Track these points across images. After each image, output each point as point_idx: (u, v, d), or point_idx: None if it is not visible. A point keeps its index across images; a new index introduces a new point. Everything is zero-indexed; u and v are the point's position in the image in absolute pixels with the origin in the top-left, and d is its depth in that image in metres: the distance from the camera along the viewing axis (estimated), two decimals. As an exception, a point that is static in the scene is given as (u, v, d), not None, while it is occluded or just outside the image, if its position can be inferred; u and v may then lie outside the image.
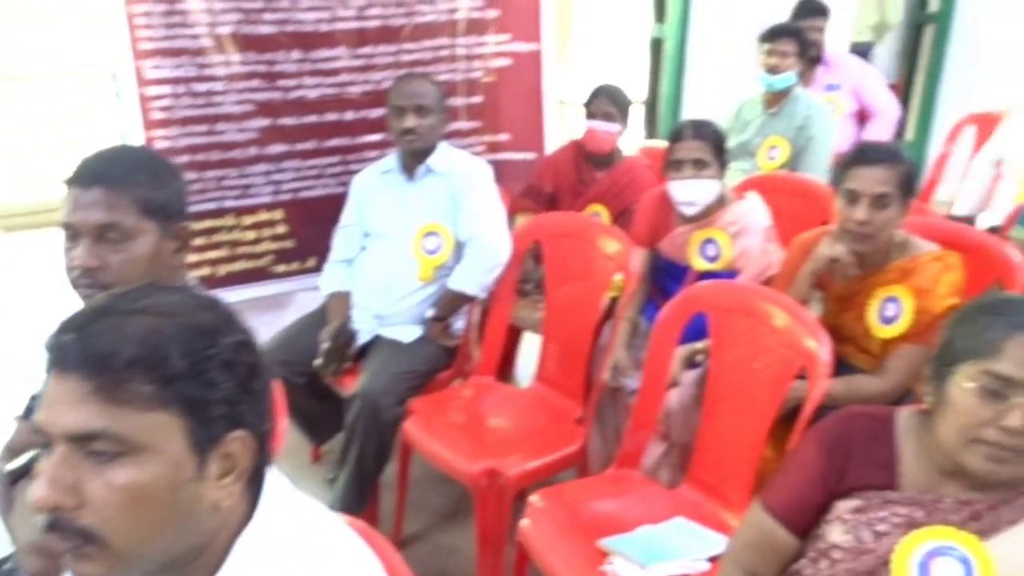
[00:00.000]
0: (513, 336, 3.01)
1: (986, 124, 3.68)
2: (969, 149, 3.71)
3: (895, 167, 1.92)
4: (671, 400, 2.25)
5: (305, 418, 2.62)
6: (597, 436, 2.52)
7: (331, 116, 2.93)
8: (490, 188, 2.55)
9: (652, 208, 2.55)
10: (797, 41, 3.33)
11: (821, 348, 1.76)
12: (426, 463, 2.30)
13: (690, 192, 2.37)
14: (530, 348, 2.80)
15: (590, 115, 2.85)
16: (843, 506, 1.33)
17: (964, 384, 1.21)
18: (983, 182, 3.33)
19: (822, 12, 3.83)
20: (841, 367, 2.11)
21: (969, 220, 3.19)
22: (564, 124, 2.98)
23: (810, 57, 3.73)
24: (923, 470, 1.31)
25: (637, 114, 4.39)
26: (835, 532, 1.32)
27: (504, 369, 3.01)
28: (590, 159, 2.92)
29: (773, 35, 3.32)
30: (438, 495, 2.66)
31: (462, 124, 3.17)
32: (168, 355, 0.81)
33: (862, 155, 1.97)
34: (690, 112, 4.19)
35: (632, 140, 3.53)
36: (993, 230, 3.02)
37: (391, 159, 2.61)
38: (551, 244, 2.53)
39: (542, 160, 3.12)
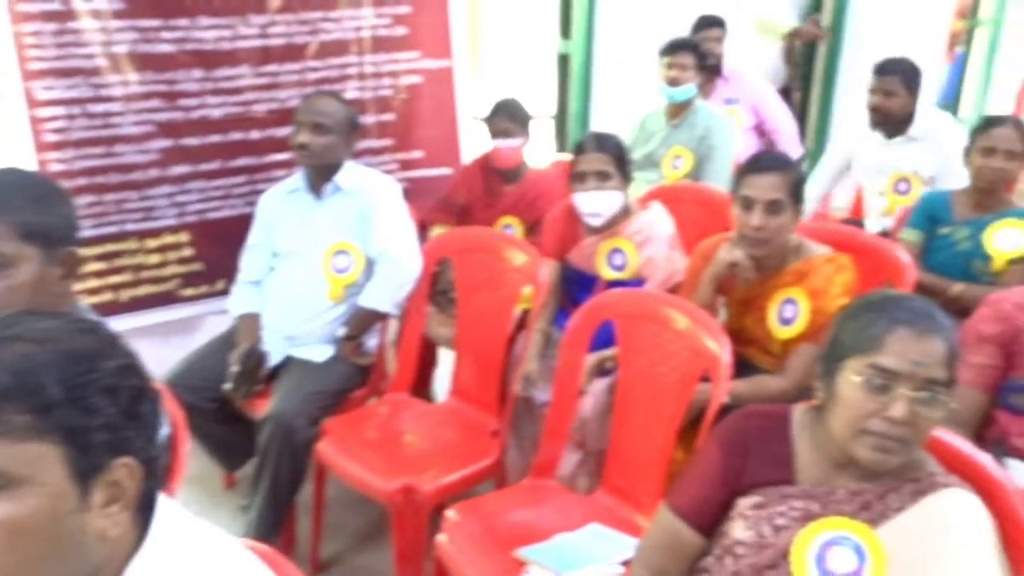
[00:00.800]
0: (431, 352, 3.01)
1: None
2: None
3: (786, 174, 1.99)
4: (584, 408, 2.28)
5: (216, 444, 2.55)
6: (514, 447, 2.53)
7: (236, 135, 2.89)
8: (399, 205, 2.55)
9: (560, 220, 2.58)
10: (695, 54, 3.42)
11: (722, 350, 1.81)
12: (342, 484, 2.26)
13: (594, 203, 2.41)
14: (448, 363, 2.80)
15: (492, 133, 2.87)
16: (744, 503, 1.37)
17: (851, 378, 1.26)
18: (827, 179, 3.49)
19: (719, 24, 3.96)
20: (747, 368, 2.18)
21: (851, 223, 3.33)
22: (481, 139, 2.99)
23: (709, 68, 3.85)
24: (817, 464, 1.35)
25: (545, 127, 4.46)
26: (738, 528, 1.35)
27: (422, 385, 3.00)
28: (498, 173, 2.94)
29: (672, 49, 3.41)
30: (356, 516, 2.62)
31: (373, 142, 3.15)
32: (43, 383, 0.78)
33: (755, 164, 2.04)
34: (598, 125, 4.26)
35: (541, 153, 3.57)
36: (884, 234, 3.15)
37: (297, 178, 2.58)
38: (461, 258, 2.53)
39: (458, 172, 3.13)
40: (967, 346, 1.82)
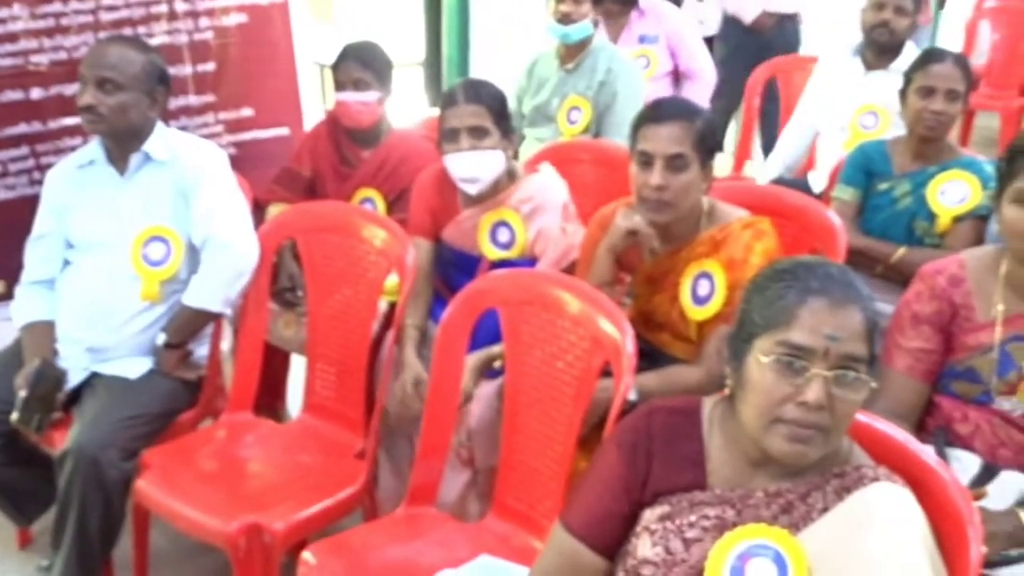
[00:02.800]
0: (281, 359, 2.98)
1: (790, 73, 4.04)
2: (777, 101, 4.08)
3: (689, 123, 2.05)
4: (471, 418, 2.32)
5: (5, 492, 2.47)
6: (388, 470, 2.55)
7: (12, 95, 2.80)
8: (226, 177, 2.51)
9: (430, 190, 2.60)
10: (594, -14, 3.49)
11: (624, 338, 1.87)
12: (171, 530, 2.23)
13: (470, 166, 2.44)
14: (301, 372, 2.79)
15: (339, 84, 2.86)
16: (650, 515, 1.43)
17: (760, 359, 1.33)
18: (798, 141, 3.65)
19: None
20: (660, 358, 2.26)
21: (790, 183, 3.48)
22: (327, 91, 2.97)
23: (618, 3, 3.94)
24: (732, 463, 1.42)
25: (413, 77, 4.47)
26: (644, 546, 1.41)
27: (271, 401, 2.98)
28: (351, 136, 2.93)
29: (563, -22, 3.46)
30: (191, 569, 2.59)
31: (191, 99, 3.10)
32: None
33: (652, 113, 2.10)
34: (479, 72, 4.30)
35: (409, 108, 3.58)
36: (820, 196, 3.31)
37: (93, 148, 2.51)
38: (307, 241, 2.52)
39: (299, 139, 3.10)
40: (902, 328, 1.94)
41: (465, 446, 2.36)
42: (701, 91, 4.16)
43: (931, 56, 2.77)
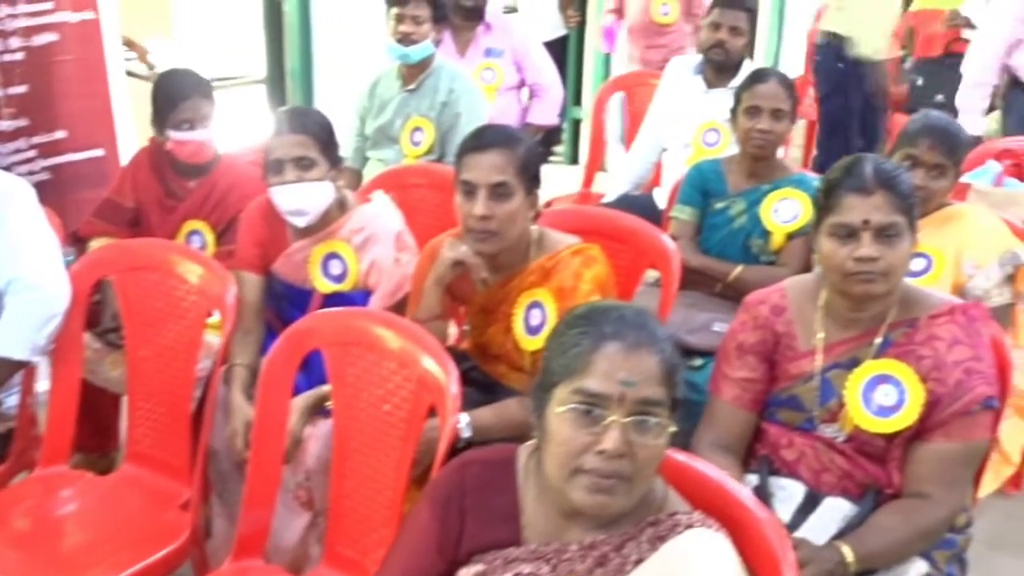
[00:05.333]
0: (111, 403, 2.82)
1: (635, 89, 4.08)
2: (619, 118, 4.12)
3: (511, 151, 2.02)
4: (308, 458, 2.23)
5: None
6: (222, 517, 2.43)
7: None
8: (33, 213, 2.34)
9: (258, 221, 2.49)
10: (430, 3, 3.43)
11: (448, 378, 1.82)
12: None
13: (296, 199, 2.34)
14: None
15: (177, 122, 2.69)
16: (465, 574, 1.37)
17: (557, 409, 1.29)
18: (643, 158, 3.67)
19: None
20: (499, 390, 2.21)
21: (636, 199, 3.50)
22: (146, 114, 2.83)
23: (468, 11, 3.92)
24: (546, 516, 1.38)
25: (256, 94, 4.33)
26: (460, 606, 1.35)
27: (103, 445, 2.83)
28: (176, 166, 2.78)
29: (400, -3, 3.40)
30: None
31: (3, 124, 2.95)
32: None
33: (473, 141, 2.06)
34: (323, 89, 4.20)
35: (251, 127, 3.45)
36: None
37: None
38: (123, 280, 2.38)
39: (115, 161, 2.95)
40: (728, 359, 1.94)
41: (303, 487, 2.27)
42: (549, 106, 4.17)
43: (756, 77, 2.81)
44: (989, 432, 1.78)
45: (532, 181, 2.08)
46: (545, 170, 2.18)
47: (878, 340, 1.82)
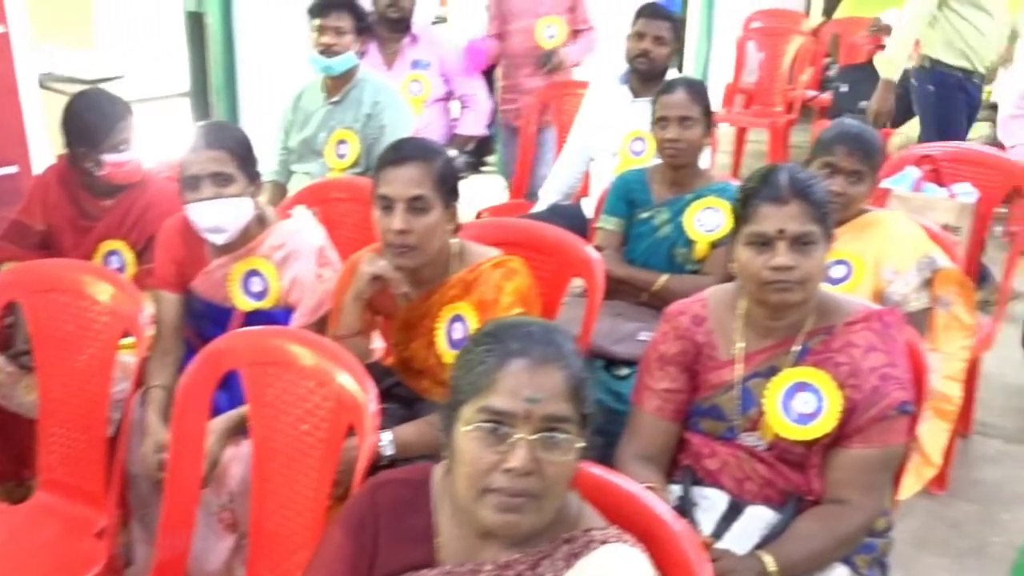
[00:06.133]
0: (28, 426, 2.73)
1: (562, 99, 4.10)
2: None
3: (428, 164, 2.01)
4: (232, 479, 2.18)
5: None
6: (144, 543, 2.37)
7: None
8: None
9: (175, 239, 2.43)
10: (352, 14, 3.41)
11: (366, 396, 1.79)
12: None
13: (214, 216, 2.29)
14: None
15: (112, 145, 2.61)
16: (378, 597, 1.34)
17: (463, 428, 1.28)
18: (572, 168, 3.68)
19: None
20: (423, 405, 2.19)
21: (565, 209, 3.50)
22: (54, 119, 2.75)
23: (394, 23, 3.91)
24: (461, 535, 1.36)
25: (180, 107, 4.25)
26: (373, 630, 1.32)
27: (19, 471, 2.74)
28: (87, 185, 2.69)
29: (323, 8, 3.37)
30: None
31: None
32: None
33: (390, 155, 2.05)
34: (248, 102, 4.13)
35: (166, 142, 3.38)
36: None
37: None
38: (32, 302, 2.31)
39: (29, 188, 2.85)
40: (650, 370, 1.94)
41: (227, 509, 2.22)
42: (476, 118, 4.16)
43: (664, 87, 2.85)
44: (905, 436, 1.80)
45: (450, 194, 2.07)
46: (477, 180, 2.17)
47: (796, 348, 1.83)
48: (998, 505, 3.03)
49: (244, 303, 2.37)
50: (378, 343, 2.41)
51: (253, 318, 2.35)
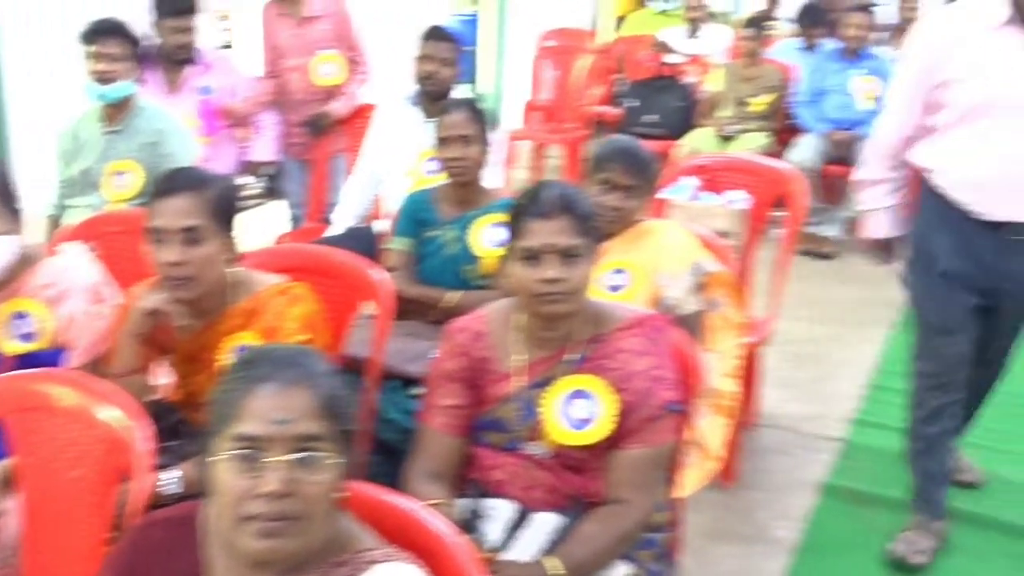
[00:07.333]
0: None
1: (351, 122, 4.13)
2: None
3: (201, 193, 1.98)
4: (6, 534, 2.05)
5: None
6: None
7: None
8: None
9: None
10: (126, 40, 3.29)
11: (137, 434, 1.73)
12: None
13: (-31, 257, 2.17)
14: None
15: None
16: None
17: (218, 458, 1.26)
18: (364, 190, 3.69)
19: (189, 11, 3.86)
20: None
21: (358, 232, 3.49)
22: None
23: (176, 47, 3.81)
24: (231, 568, 1.33)
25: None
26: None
27: None
28: None
29: (94, 35, 3.23)
30: None
31: None
32: None
33: (160, 186, 2.02)
34: (19, 134, 3.91)
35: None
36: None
37: None
38: None
39: None
40: (435, 387, 1.96)
41: (10, 564, 2.09)
42: (267, 143, 4.12)
43: (446, 107, 2.91)
44: (675, 434, 1.89)
45: (228, 223, 2.05)
46: (276, 207, 2.12)
47: (571, 357, 1.89)
48: (784, 492, 3.21)
49: (11, 347, 2.24)
50: (165, 379, 2.33)
51: (26, 361, 2.23)
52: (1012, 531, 2.99)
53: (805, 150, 5.32)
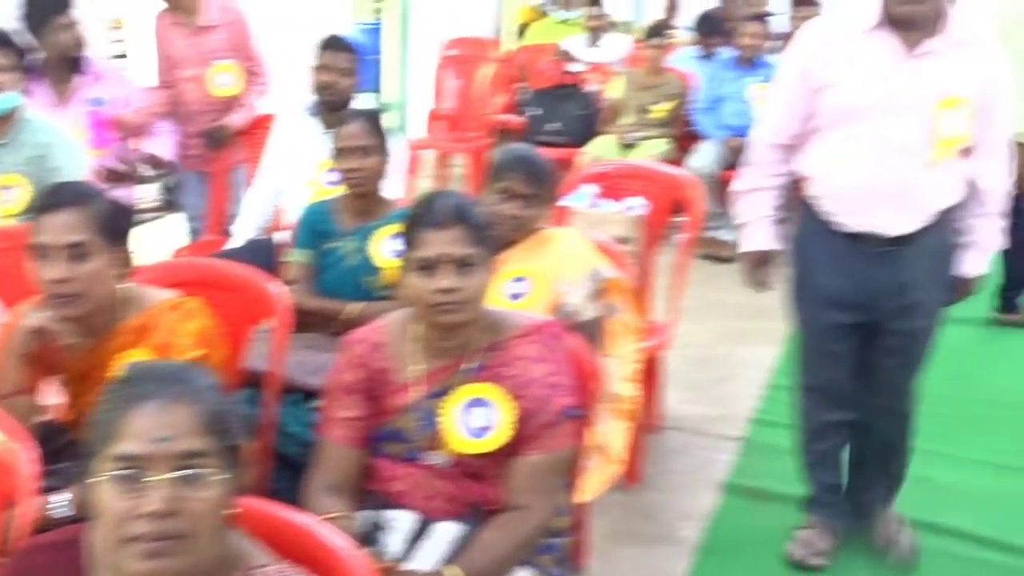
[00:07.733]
0: None
1: (251, 132, 4.08)
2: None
3: (87, 208, 1.94)
4: None
5: None
6: None
7: None
8: None
9: None
10: (13, 51, 3.20)
11: (19, 458, 1.68)
12: None
13: None
14: None
15: None
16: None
17: (98, 479, 1.23)
18: (265, 201, 3.64)
19: (64, 5, 3.75)
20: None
21: (258, 244, 3.44)
22: None
23: (64, 58, 3.72)
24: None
25: None
26: None
27: None
28: None
29: (-28, 45, 3.13)
30: None
31: None
32: None
33: (46, 200, 1.97)
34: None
35: None
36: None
37: None
38: None
39: None
40: (333, 399, 1.95)
41: None
42: (165, 143, 4.03)
43: (342, 119, 2.91)
44: (573, 439, 1.91)
45: (117, 237, 2.00)
46: (174, 219, 2.07)
47: (469, 365, 1.90)
48: (687, 492, 3.27)
49: None
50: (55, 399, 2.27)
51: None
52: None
53: (704, 156, 5.44)
